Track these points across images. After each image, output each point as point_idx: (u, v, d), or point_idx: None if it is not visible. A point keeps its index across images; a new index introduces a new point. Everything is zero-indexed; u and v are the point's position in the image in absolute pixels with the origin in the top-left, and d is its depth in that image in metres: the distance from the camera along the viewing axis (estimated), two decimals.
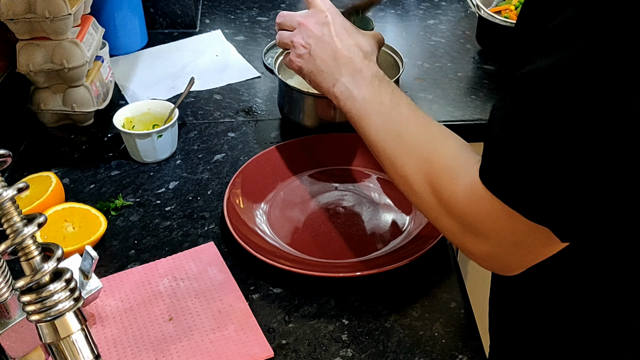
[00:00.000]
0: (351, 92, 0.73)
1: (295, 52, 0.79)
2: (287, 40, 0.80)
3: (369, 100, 0.71)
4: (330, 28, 0.77)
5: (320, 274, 0.76)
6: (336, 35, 0.77)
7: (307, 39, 0.78)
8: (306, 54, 0.78)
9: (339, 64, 0.75)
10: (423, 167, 0.63)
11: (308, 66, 0.78)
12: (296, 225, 0.87)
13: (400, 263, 0.76)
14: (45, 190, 0.87)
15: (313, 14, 0.79)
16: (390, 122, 0.68)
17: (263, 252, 0.78)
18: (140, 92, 1.20)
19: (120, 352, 0.70)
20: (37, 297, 0.43)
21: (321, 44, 0.77)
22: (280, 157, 0.96)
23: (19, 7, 0.96)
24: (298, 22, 0.79)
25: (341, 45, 0.76)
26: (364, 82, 0.73)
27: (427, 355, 0.70)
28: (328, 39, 0.77)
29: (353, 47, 0.76)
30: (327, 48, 0.76)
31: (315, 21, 0.78)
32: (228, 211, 0.84)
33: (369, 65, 0.75)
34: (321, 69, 0.76)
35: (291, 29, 0.80)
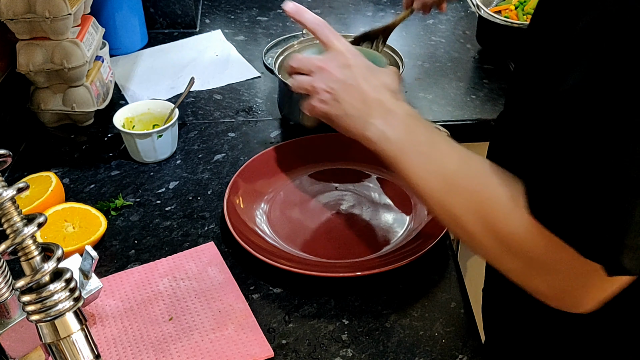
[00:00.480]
0: (385, 134, 0.69)
1: (318, 97, 0.74)
2: (307, 86, 0.75)
3: (405, 140, 0.67)
4: (354, 70, 0.73)
5: (320, 274, 0.76)
6: (361, 76, 0.73)
7: (330, 84, 0.73)
8: (331, 99, 0.73)
9: (369, 107, 0.71)
10: (473, 206, 0.60)
11: (334, 111, 0.74)
12: (296, 225, 0.87)
13: (400, 263, 0.76)
14: (45, 190, 0.87)
15: (332, 57, 0.75)
16: (431, 162, 0.65)
17: (263, 252, 0.78)
18: (140, 92, 1.20)
19: (120, 352, 0.70)
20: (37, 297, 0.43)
21: (347, 87, 0.72)
22: (280, 157, 0.96)
23: (19, 7, 0.96)
24: (317, 66, 0.75)
25: (368, 87, 0.72)
26: (397, 123, 0.69)
27: (427, 355, 0.70)
28: (353, 81, 0.73)
29: (380, 88, 0.72)
30: (354, 91, 0.72)
31: (336, 64, 0.74)
32: (228, 211, 0.84)
33: (400, 105, 0.71)
34: (350, 114, 0.72)
35: (309, 73, 0.76)
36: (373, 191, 0.93)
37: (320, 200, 0.91)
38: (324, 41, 0.76)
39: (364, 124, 0.71)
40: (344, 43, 0.76)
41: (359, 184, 0.94)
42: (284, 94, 1.04)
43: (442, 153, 0.65)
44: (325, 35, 0.76)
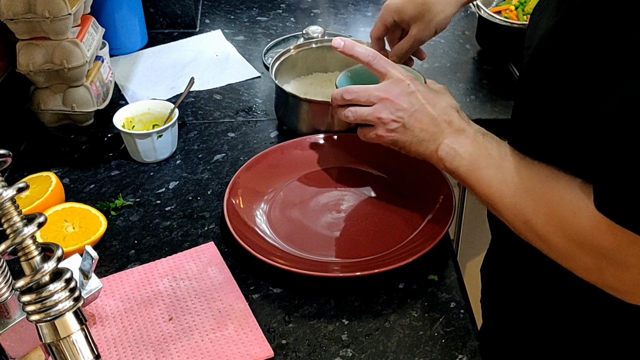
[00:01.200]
0: (457, 151, 0.71)
1: (385, 127, 0.75)
2: (371, 117, 0.76)
3: (476, 155, 0.70)
4: (418, 96, 0.74)
5: (320, 274, 0.76)
6: (427, 102, 0.74)
7: (397, 113, 0.74)
8: (400, 128, 0.74)
9: (440, 129, 0.73)
10: (543, 208, 0.62)
11: (404, 138, 0.75)
12: (296, 225, 0.87)
13: (399, 263, 0.76)
14: (45, 190, 0.87)
15: (393, 85, 0.75)
16: (503, 172, 0.67)
17: (263, 252, 0.78)
18: (140, 92, 1.20)
19: (120, 352, 0.70)
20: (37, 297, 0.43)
21: (415, 114, 0.74)
22: (280, 157, 0.96)
23: (19, 7, 0.96)
24: (378, 97, 0.75)
25: (436, 112, 0.74)
26: (468, 140, 0.71)
27: (427, 355, 0.70)
28: (420, 107, 0.74)
29: (448, 109, 0.74)
30: (423, 117, 0.73)
31: (399, 93, 0.75)
32: (228, 211, 0.84)
33: (470, 124, 0.73)
34: (422, 138, 0.74)
35: (369, 104, 0.76)
36: (373, 191, 0.93)
37: (320, 200, 0.91)
38: (380, 71, 0.77)
39: (436, 145, 0.73)
40: (401, 70, 0.76)
41: (358, 184, 0.94)
42: (280, 99, 1.04)
43: (512, 164, 0.67)
44: (381, 66, 0.77)
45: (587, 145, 0.57)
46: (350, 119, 0.77)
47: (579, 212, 0.58)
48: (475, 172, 0.69)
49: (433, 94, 0.75)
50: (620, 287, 0.58)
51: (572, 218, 0.58)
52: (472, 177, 0.70)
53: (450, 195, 0.85)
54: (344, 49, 0.78)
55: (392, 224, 0.87)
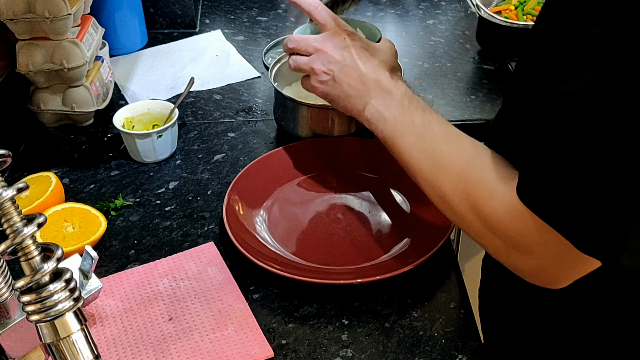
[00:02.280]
0: (382, 114, 0.71)
1: (317, 78, 0.77)
2: (306, 67, 0.78)
3: (400, 120, 0.70)
4: (351, 51, 0.75)
5: (320, 281, 0.75)
6: (358, 58, 0.74)
7: (329, 65, 0.75)
8: (330, 80, 0.76)
9: (367, 87, 0.73)
10: (460, 185, 0.62)
11: (334, 92, 0.76)
12: (296, 231, 0.86)
13: (400, 270, 0.75)
14: (45, 190, 0.87)
15: (330, 38, 0.76)
16: (423, 142, 0.67)
17: (264, 259, 0.77)
18: (140, 92, 1.20)
19: (120, 352, 0.70)
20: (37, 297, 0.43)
21: (345, 68, 0.74)
22: (278, 162, 0.95)
23: (18, 7, 0.96)
24: (314, 48, 0.76)
25: (366, 68, 0.74)
26: (394, 103, 0.71)
27: (427, 355, 0.70)
28: (351, 62, 0.74)
29: (378, 68, 0.74)
30: (352, 72, 0.74)
31: (334, 45, 0.76)
32: (228, 217, 0.83)
33: (397, 85, 0.73)
34: (349, 94, 0.74)
35: (307, 54, 0.78)
36: (373, 195, 0.92)
37: (319, 206, 0.90)
38: (320, 22, 0.78)
39: (363, 104, 0.73)
40: (340, 23, 0.77)
41: (358, 189, 0.93)
42: (278, 103, 1.04)
43: (434, 134, 0.67)
44: (321, 16, 0.78)
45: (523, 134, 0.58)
46: (291, 67, 0.80)
47: (495, 195, 0.58)
48: (397, 139, 0.69)
49: (367, 51, 0.76)
50: (525, 270, 0.60)
51: (488, 200, 0.59)
52: (395, 144, 0.70)
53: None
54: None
55: (392, 229, 0.86)
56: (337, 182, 0.95)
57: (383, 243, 0.84)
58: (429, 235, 0.82)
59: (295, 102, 0.98)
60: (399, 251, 0.82)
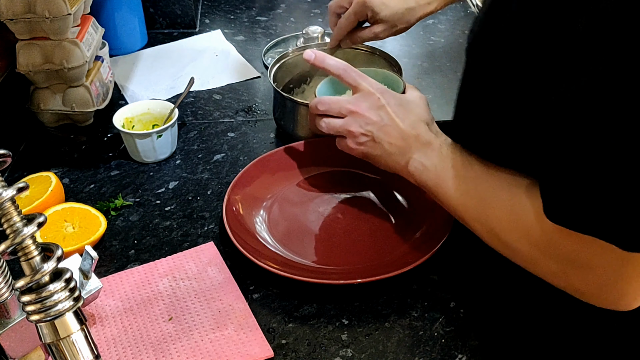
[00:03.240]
0: (424, 165, 0.72)
1: (355, 140, 0.77)
2: (342, 130, 0.77)
3: (441, 167, 0.70)
4: (388, 110, 0.75)
5: (320, 281, 0.75)
6: (396, 116, 0.75)
7: (367, 127, 0.75)
8: (369, 142, 0.76)
9: (408, 144, 0.73)
10: (506, 216, 0.62)
11: (374, 152, 0.76)
12: (296, 231, 0.86)
13: (400, 270, 0.75)
14: (45, 190, 0.87)
15: (363, 99, 0.76)
16: (466, 182, 0.68)
17: (263, 259, 0.77)
18: (140, 92, 1.20)
19: (120, 352, 0.70)
20: (37, 297, 0.43)
21: (384, 128, 0.75)
22: (278, 162, 0.95)
23: (18, 7, 0.96)
24: (349, 110, 0.76)
25: (405, 126, 0.74)
26: (434, 153, 0.72)
27: (427, 355, 0.70)
28: (389, 122, 0.75)
29: (416, 123, 0.74)
30: (392, 132, 0.74)
31: (369, 106, 0.75)
32: (228, 217, 0.83)
33: (436, 136, 0.74)
34: (390, 152, 0.75)
35: (339, 116, 0.77)
36: (372, 195, 0.92)
37: (319, 205, 0.90)
38: (351, 84, 0.77)
39: (406, 160, 0.74)
40: (371, 82, 0.77)
41: (358, 189, 0.93)
42: (278, 102, 1.04)
43: (475, 173, 0.67)
44: (352, 78, 0.77)
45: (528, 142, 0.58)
46: (324, 130, 0.79)
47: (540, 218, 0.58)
48: (441, 185, 0.70)
49: (403, 108, 0.76)
50: (586, 289, 0.58)
51: (535, 224, 0.59)
52: (439, 190, 0.71)
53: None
54: (314, 61, 0.80)
55: (392, 229, 0.86)
56: (337, 182, 0.95)
57: (383, 243, 0.84)
58: (428, 236, 0.82)
59: (295, 102, 0.98)
60: (398, 251, 0.82)
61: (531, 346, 0.79)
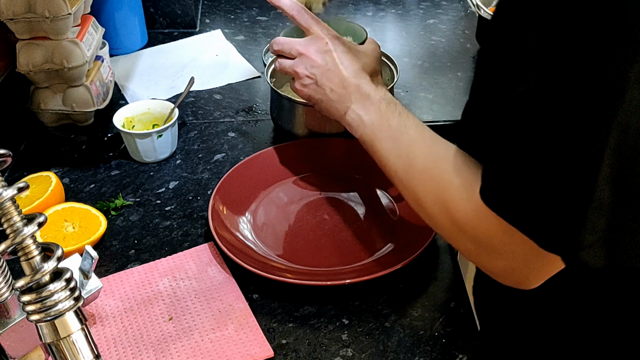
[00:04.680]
0: (361, 118, 0.73)
1: (300, 82, 0.79)
2: (290, 70, 0.80)
3: (377, 124, 0.71)
4: (333, 55, 0.76)
5: (309, 282, 0.75)
6: (340, 62, 0.76)
7: (311, 69, 0.77)
8: (312, 84, 0.77)
9: (348, 92, 0.74)
10: (432, 188, 0.63)
11: (317, 95, 0.78)
12: (285, 234, 0.86)
13: (388, 270, 0.75)
14: (45, 190, 0.87)
15: (313, 42, 0.78)
16: (399, 146, 0.68)
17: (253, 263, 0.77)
18: (140, 92, 1.20)
19: (120, 352, 0.70)
20: (37, 297, 0.43)
21: (327, 73, 0.76)
22: (262, 164, 0.94)
23: (18, 7, 0.96)
24: (298, 52, 0.78)
25: (347, 73, 0.75)
26: (372, 107, 0.72)
27: (427, 355, 0.70)
28: (333, 67, 0.76)
29: (359, 72, 0.76)
30: (334, 77, 0.76)
31: (316, 49, 0.77)
32: (213, 219, 0.82)
33: (377, 89, 0.74)
34: (331, 98, 0.76)
35: (291, 57, 0.79)
36: (359, 197, 0.92)
37: (307, 207, 0.90)
38: (303, 26, 0.79)
39: (345, 108, 0.75)
40: (323, 27, 0.79)
41: (344, 189, 0.93)
42: (274, 100, 1.04)
43: (410, 138, 0.68)
44: (304, 21, 0.80)
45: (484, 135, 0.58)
46: (277, 69, 0.82)
47: (464, 198, 0.59)
48: (375, 143, 0.71)
49: (350, 55, 0.77)
50: (494, 271, 0.60)
51: (458, 203, 0.60)
52: (373, 147, 0.71)
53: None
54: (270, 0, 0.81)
55: (380, 229, 0.86)
56: (324, 183, 0.94)
57: (372, 243, 0.83)
58: (417, 234, 0.81)
59: (291, 101, 0.97)
60: (388, 251, 0.81)
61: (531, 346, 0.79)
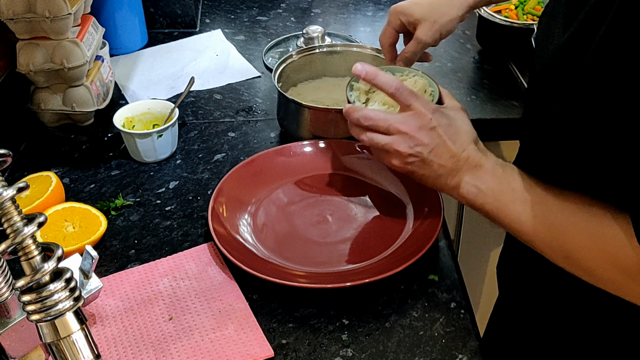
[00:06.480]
0: (479, 188, 0.69)
1: (402, 160, 0.73)
2: (389, 148, 0.73)
3: (499, 191, 0.68)
4: (439, 131, 0.72)
5: (311, 285, 0.75)
6: (448, 138, 0.72)
7: (416, 148, 0.72)
8: (418, 162, 0.73)
9: (458, 166, 0.71)
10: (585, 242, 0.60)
11: (422, 172, 0.73)
12: (285, 235, 0.85)
13: (388, 273, 0.74)
14: (45, 190, 0.87)
15: (415, 119, 0.73)
16: (532, 207, 0.65)
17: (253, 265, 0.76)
18: (141, 92, 1.20)
19: (120, 352, 0.70)
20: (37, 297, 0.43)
21: (435, 150, 0.72)
22: (262, 166, 0.94)
23: (19, 7, 0.96)
24: (397, 130, 0.73)
25: (456, 148, 0.72)
26: (488, 175, 0.69)
27: (427, 355, 0.70)
28: (440, 143, 0.72)
29: (467, 145, 0.72)
30: (443, 154, 0.72)
31: (420, 127, 0.72)
32: (212, 220, 0.82)
33: (487, 157, 0.71)
34: (439, 174, 0.72)
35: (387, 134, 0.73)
36: (360, 198, 0.91)
37: (308, 209, 0.89)
38: (404, 103, 0.74)
39: (456, 182, 0.71)
40: (423, 102, 0.74)
41: (345, 192, 0.92)
42: (281, 103, 1.03)
43: (539, 196, 0.65)
44: (405, 98, 0.74)
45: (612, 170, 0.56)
46: (366, 143, 0.76)
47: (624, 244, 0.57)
48: (503, 209, 0.67)
49: (454, 128, 0.73)
50: None
51: (620, 251, 0.57)
52: (501, 215, 0.68)
53: (438, 200, 0.84)
54: (366, 76, 0.75)
55: (381, 230, 0.86)
56: (325, 184, 0.93)
57: (373, 244, 0.83)
58: (419, 237, 0.81)
59: (298, 104, 0.97)
60: (389, 253, 0.81)
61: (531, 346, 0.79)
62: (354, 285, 0.74)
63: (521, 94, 1.18)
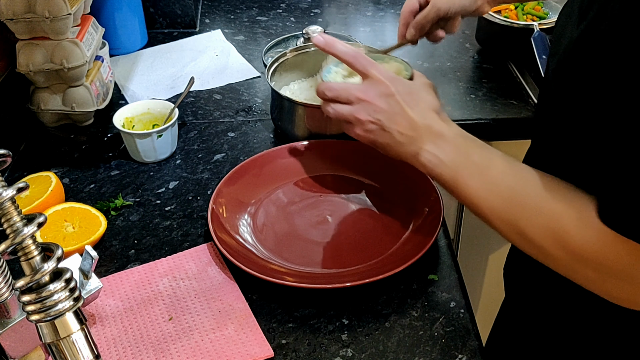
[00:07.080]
0: (438, 158, 0.69)
1: (362, 128, 0.74)
2: (350, 117, 0.75)
3: (458, 162, 0.68)
4: (397, 98, 0.72)
5: (309, 285, 0.75)
6: (406, 104, 0.72)
7: (375, 115, 0.72)
8: (377, 130, 0.73)
9: (419, 134, 0.71)
10: (541, 222, 0.60)
11: (383, 140, 0.74)
12: (285, 235, 0.85)
13: (388, 273, 0.74)
14: (45, 190, 0.87)
15: (372, 86, 0.74)
16: (489, 181, 0.65)
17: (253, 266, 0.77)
18: (140, 92, 1.20)
19: (120, 352, 0.70)
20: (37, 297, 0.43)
21: (393, 117, 0.72)
22: (262, 166, 0.94)
23: (18, 7, 0.96)
24: (357, 97, 0.74)
25: (414, 114, 0.71)
26: (448, 146, 0.69)
27: (427, 355, 0.70)
28: (398, 110, 0.72)
29: (426, 111, 0.72)
30: (401, 120, 0.72)
31: (378, 93, 0.73)
32: (212, 221, 0.82)
33: (448, 126, 0.71)
34: (399, 141, 0.72)
35: (348, 103, 0.75)
36: (359, 198, 0.91)
37: (308, 209, 0.89)
38: (361, 71, 0.75)
39: (416, 150, 0.71)
40: (381, 70, 0.74)
41: (345, 191, 0.92)
42: (275, 102, 1.03)
43: (498, 171, 0.65)
44: (362, 65, 0.75)
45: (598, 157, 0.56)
46: (331, 115, 0.77)
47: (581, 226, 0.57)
48: (460, 181, 0.67)
49: (413, 96, 0.74)
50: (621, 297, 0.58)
51: (575, 232, 0.57)
52: (458, 186, 0.68)
53: (438, 200, 0.84)
54: (324, 46, 0.77)
55: (380, 231, 0.86)
56: (324, 184, 0.94)
57: (373, 245, 0.83)
58: (418, 237, 0.81)
59: (292, 102, 0.97)
60: (387, 254, 0.81)
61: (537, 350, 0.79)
62: (354, 285, 0.74)
63: (520, 93, 1.18)
